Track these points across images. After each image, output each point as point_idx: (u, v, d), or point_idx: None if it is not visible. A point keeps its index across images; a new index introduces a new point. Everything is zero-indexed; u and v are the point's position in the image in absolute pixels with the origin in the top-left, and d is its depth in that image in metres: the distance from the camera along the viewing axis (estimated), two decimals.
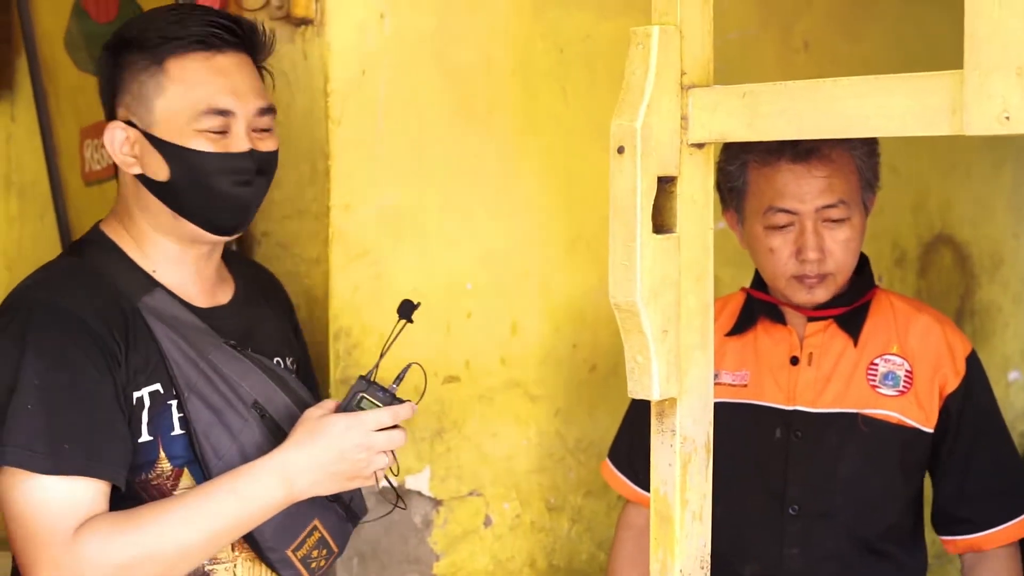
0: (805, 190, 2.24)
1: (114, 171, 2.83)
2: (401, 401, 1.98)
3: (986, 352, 3.71)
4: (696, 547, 1.81)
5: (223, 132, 1.98)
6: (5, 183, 3.27)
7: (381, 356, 1.99)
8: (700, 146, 1.78)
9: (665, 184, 1.76)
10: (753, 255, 2.35)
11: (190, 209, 1.99)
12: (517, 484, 2.68)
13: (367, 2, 2.45)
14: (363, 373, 2.00)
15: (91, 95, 2.89)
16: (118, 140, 2.00)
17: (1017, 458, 2.41)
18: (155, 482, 1.95)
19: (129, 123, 1.98)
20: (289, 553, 2.00)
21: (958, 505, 2.35)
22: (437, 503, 2.60)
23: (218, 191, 1.98)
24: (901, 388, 2.32)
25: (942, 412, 2.32)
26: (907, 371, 2.32)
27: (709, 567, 1.81)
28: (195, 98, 1.96)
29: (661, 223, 1.76)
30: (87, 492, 1.86)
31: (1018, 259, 3.82)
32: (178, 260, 2.04)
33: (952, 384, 2.33)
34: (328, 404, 1.99)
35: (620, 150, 1.74)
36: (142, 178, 1.99)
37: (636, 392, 1.77)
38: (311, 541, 2.01)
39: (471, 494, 2.64)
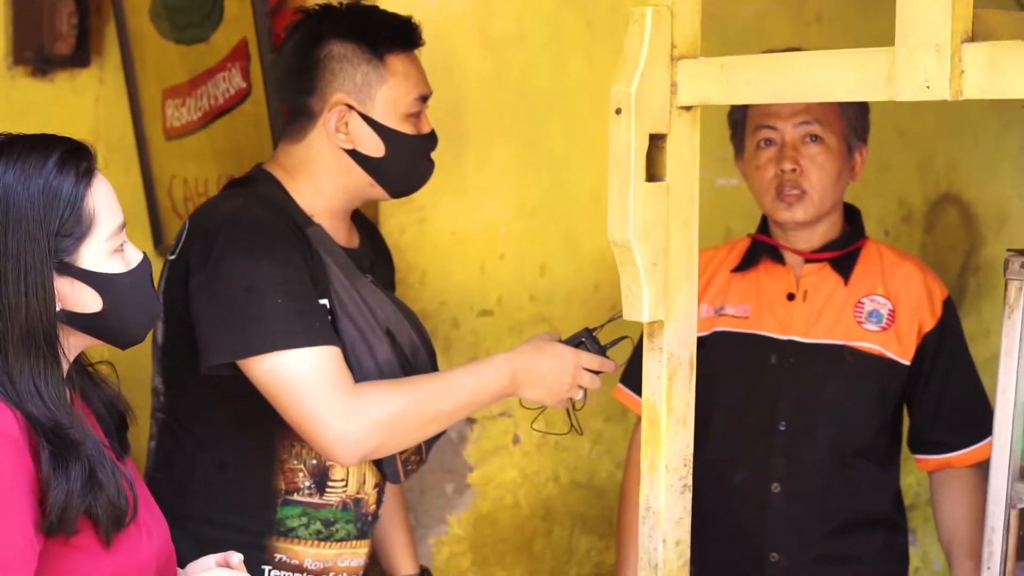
0: (786, 108, 2.57)
1: (192, 128, 3.21)
2: (609, 358, 2.41)
3: (990, 304, 3.99)
4: (680, 447, 2.13)
5: (418, 116, 2.37)
6: (94, 139, 3.60)
7: (608, 321, 2.43)
8: (688, 108, 2.10)
9: (657, 140, 2.08)
10: (748, 182, 2.67)
11: (390, 179, 2.39)
12: (543, 418, 3.01)
13: None
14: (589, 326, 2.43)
15: (172, 59, 3.26)
16: (335, 120, 2.34)
17: (983, 390, 2.70)
18: None
19: (348, 107, 2.33)
20: (396, 455, 2.38)
21: (931, 429, 2.65)
22: (471, 421, 2.95)
23: (418, 166, 2.41)
24: (884, 325, 2.62)
25: (920, 348, 2.62)
26: (890, 310, 2.63)
27: (691, 465, 2.14)
28: (409, 87, 2.36)
29: (653, 174, 2.08)
30: (340, 357, 2.24)
31: (1023, 217, 4.09)
32: (336, 210, 2.41)
33: (929, 324, 2.63)
34: (554, 335, 2.42)
35: (618, 111, 2.07)
36: (352, 153, 2.35)
37: (630, 315, 2.09)
38: (412, 447, 2.40)
39: (501, 415, 2.99)
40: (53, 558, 1.70)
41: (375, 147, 2.36)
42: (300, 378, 2.20)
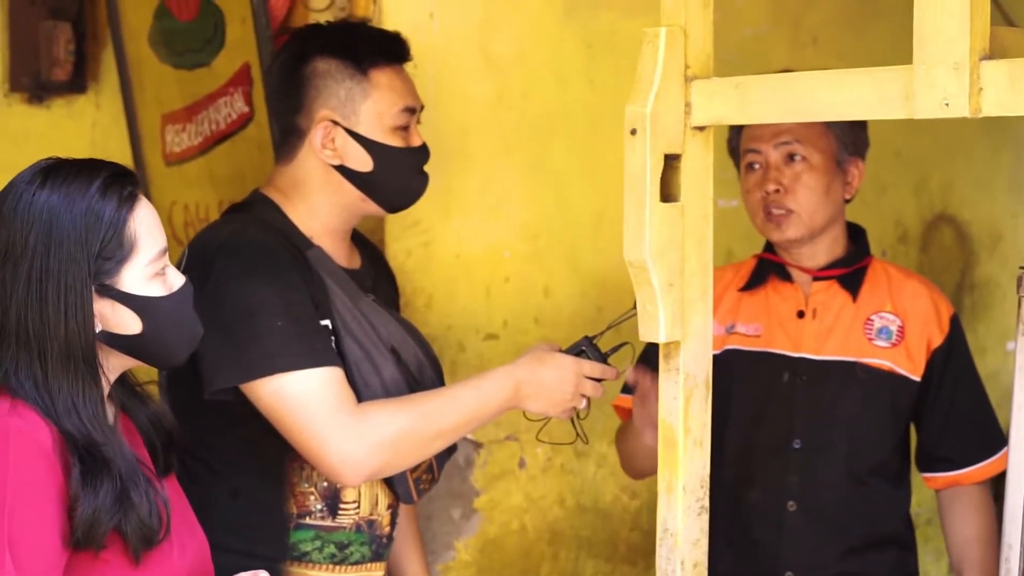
0: (766, 131, 2.59)
1: (193, 153, 3.20)
2: (610, 365, 2.39)
3: (985, 323, 4.01)
4: (697, 468, 2.12)
5: (407, 129, 2.36)
6: None
7: (608, 328, 2.42)
8: (701, 129, 2.09)
9: (671, 161, 2.08)
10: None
11: (382, 193, 2.38)
12: (549, 430, 3.00)
13: (418, 3, 2.80)
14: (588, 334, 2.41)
15: (172, 85, 3.26)
16: (321, 136, 2.34)
17: (990, 407, 2.71)
18: None
19: (334, 123, 2.34)
20: (407, 474, 2.38)
21: (939, 445, 2.65)
22: (478, 446, 2.94)
23: (409, 179, 2.40)
24: (894, 341, 2.63)
25: (929, 363, 2.63)
26: (899, 327, 2.64)
27: (708, 487, 2.13)
28: (393, 99, 2.35)
29: (667, 194, 2.08)
30: (342, 378, 2.23)
31: (1017, 237, 4.11)
32: (334, 229, 2.40)
33: (938, 340, 2.64)
34: (554, 345, 2.40)
35: (633, 132, 2.06)
36: (341, 168, 2.35)
37: (646, 336, 2.09)
38: (423, 466, 2.40)
39: (507, 438, 2.98)
40: (81, 571, 1.74)
41: (363, 162, 2.35)
42: (302, 400, 2.20)
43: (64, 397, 1.76)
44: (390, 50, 2.40)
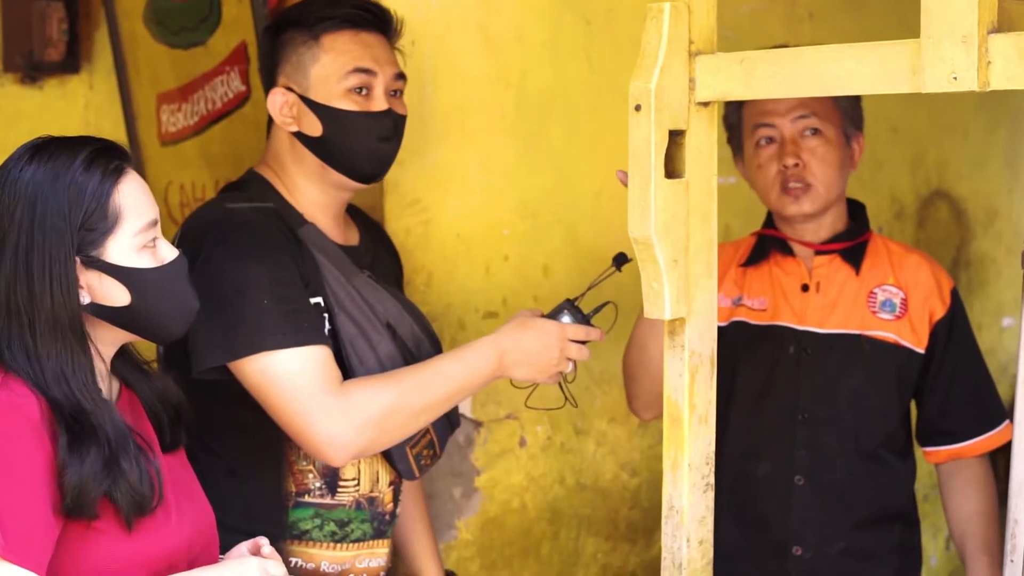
0: (782, 105, 2.58)
1: (188, 133, 3.19)
2: (593, 326, 2.37)
3: (981, 299, 4.02)
4: (702, 445, 2.12)
5: (366, 94, 2.33)
6: None
7: (589, 288, 2.41)
8: (706, 104, 2.08)
9: (676, 137, 2.07)
10: (751, 181, 2.68)
11: (338, 160, 2.35)
12: (539, 397, 2.99)
13: None
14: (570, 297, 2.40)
15: (167, 64, 3.24)
16: (278, 103, 2.35)
17: (991, 379, 2.72)
18: None
19: (288, 89, 2.34)
20: (407, 450, 2.36)
21: (942, 418, 2.66)
22: (478, 424, 2.94)
23: (364, 144, 2.35)
24: (897, 313, 2.63)
25: (931, 336, 2.64)
26: (902, 299, 2.64)
27: (713, 463, 2.13)
28: (343, 61, 2.33)
29: (672, 170, 2.07)
30: (329, 357, 2.23)
31: (1012, 213, 4.11)
32: (322, 204, 2.39)
33: (940, 312, 2.65)
34: (536, 311, 2.39)
35: (637, 107, 2.05)
36: (298, 135, 2.35)
37: (651, 313, 2.08)
38: (424, 442, 2.39)
39: (508, 417, 2.97)
40: (75, 540, 1.77)
41: (314, 126, 2.35)
42: (287, 379, 2.19)
43: (53, 366, 1.79)
44: (344, 15, 2.38)
